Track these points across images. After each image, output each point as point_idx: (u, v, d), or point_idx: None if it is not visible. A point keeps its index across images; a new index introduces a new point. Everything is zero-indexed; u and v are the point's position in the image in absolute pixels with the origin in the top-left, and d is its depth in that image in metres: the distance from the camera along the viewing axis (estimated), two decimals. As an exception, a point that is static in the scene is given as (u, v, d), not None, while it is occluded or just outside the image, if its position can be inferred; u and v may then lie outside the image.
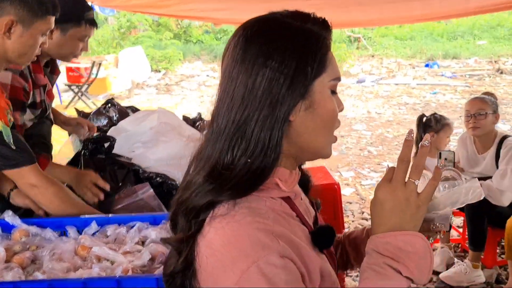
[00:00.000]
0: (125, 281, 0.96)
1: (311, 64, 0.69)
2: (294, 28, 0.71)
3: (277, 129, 0.68)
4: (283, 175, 0.73)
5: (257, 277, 0.62)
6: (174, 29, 15.21)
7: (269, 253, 0.63)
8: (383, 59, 13.18)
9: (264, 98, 0.67)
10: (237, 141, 0.68)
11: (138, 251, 1.17)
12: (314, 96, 0.71)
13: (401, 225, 0.70)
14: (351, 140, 5.84)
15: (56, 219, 1.36)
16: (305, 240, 0.72)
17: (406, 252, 0.68)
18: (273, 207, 0.70)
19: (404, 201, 0.70)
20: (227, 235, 0.65)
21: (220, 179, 0.68)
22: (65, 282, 0.98)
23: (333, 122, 0.74)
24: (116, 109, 2.55)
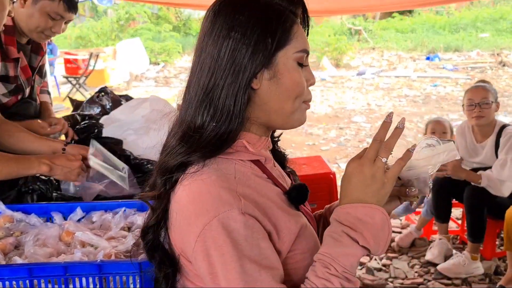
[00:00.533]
0: (107, 266, 0.93)
1: (272, 36, 0.73)
2: (259, 2, 0.75)
3: (241, 95, 0.73)
4: (251, 139, 0.78)
5: (217, 229, 0.67)
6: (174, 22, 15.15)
7: (230, 209, 0.68)
8: (384, 52, 13.11)
9: (228, 67, 0.73)
10: (206, 107, 0.73)
11: (123, 236, 1.14)
12: (278, 67, 0.75)
13: (364, 198, 0.73)
14: (350, 132, 5.80)
15: (42, 205, 1.33)
16: (277, 200, 0.76)
17: (365, 223, 0.72)
18: (242, 169, 0.75)
19: (370, 177, 0.74)
20: (192, 191, 0.71)
21: (190, 141, 0.74)
22: (45, 266, 0.95)
23: (298, 92, 0.77)
24: (109, 98, 2.51)
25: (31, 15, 1.60)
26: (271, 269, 0.69)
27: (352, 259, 0.72)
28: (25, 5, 1.57)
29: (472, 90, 2.64)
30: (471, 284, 2.52)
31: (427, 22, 16.12)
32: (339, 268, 0.71)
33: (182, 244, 0.73)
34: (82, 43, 12.93)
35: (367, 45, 13.91)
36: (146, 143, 1.88)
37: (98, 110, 2.45)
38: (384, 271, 2.68)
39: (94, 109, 2.47)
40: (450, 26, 15.59)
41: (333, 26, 14.16)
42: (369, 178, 0.73)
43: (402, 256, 2.82)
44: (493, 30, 14.73)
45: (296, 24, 0.77)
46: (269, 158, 0.82)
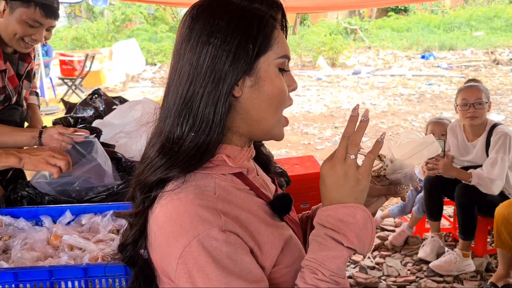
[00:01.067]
0: (92, 269, 0.94)
1: (253, 42, 0.71)
2: (239, 7, 0.73)
3: (221, 104, 0.70)
4: (232, 152, 0.75)
5: (197, 250, 0.64)
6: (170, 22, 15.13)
7: (209, 228, 0.65)
8: (380, 51, 13.13)
9: (208, 75, 0.70)
10: (185, 117, 0.70)
11: (111, 239, 1.15)
12: (259, 73, 0.73)
13: (341, 198, 0.72)
14: (345, 131, 5.81)
15: (31, 209, 1.34)
16: (259, 213, 0.74)
17: (347, 223, 0.71)
18: (222, 184, 0.73)
19: (342, 176, 0.72)
20: (169, 211, 0.68)
21: (169, 154, 0.71)
22: (31, 270, 0.96)
23: (280, 99, 0.75)
24: (103, 100, 2.51)
25: (9, 24, 1.57)
26: (258, 283, 0.68)
27: (339, 261, 0.70)
28: (3, 15, 1.56)
29: (466, 90, 2.64)
30: (462, 281, 2.54)
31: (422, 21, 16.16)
32: (327, 273, 0.70)
33: (164, 265, 0.70)
34: (78, 44, 12.91)
35: (363, 44, 13.94)
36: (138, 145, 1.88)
37: (91, 112, 2.45)
38: (377, 269, 2.70)
39: (87, 111, 2.47)
40: (444, 25, 15.63)
41: (329, 25, 14.17)
42: (342, 177, 0.72)
43: (395, 254, 2.84)
44: (487, 29, 14.77)
45: (277, 29, 0.75)
46: (251, 169, 0.79)
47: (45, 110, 6.82)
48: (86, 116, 2.39)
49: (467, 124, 2.65)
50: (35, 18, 1.57)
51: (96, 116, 2.40)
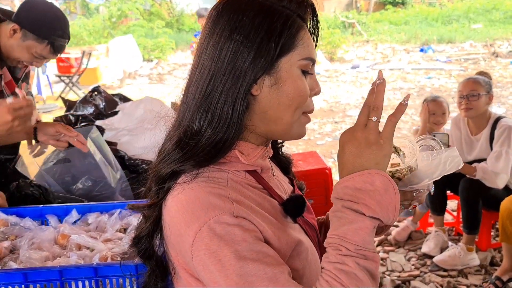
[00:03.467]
0: (103, 269, 0.92)
1: (276, 41, 0.69)
2: (265, 4, 0.71)
3: (239, 102, 0.69)
4: (246, 149, 0.74)
5: (208, 235, 0.63)
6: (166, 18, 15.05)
7: (220, 213, 0.64)
8: (378, 45, 13.10)
9: (228, 71, 0.69)
10: (203, 112, 0.70)
11: (119, 238, 1.14)
12: (280, 73, 0.71)
13: (362, 164, 0.68)
14: (345, 126, 5.80)
15: (37, 208, 1.32)
16: (272, 212, 0.73)
17: (366, 191, 0.66)
18: (235, 179, 0.72)
19: (363, 141, 0.68)
20: (181, 200, 0.68)
21: (186, 148, 0.70)
22: (41, 271, 0.94)
23: (299, 101, 0.73)
24: (103, 97, 2.49)
25: (16, 48, 1.57)
26: (277, 266, 0.64)
27: (363, 233, 0.65)
28: (12, 36, 1.56)
29: (463, 83, 2.65)
30: (467, 276, 2.54)
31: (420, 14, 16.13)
32: (351, 247, 0.65)
33: (181, 257, 0.70)
34: (74, 41, 12.80)
35: (361, 38, 13.90)
36: (140, 143, 1.88)
37: (91, 110, 2.43)
38: (381, 265, 2.69)
39: (88, 109, 2.45)
40: (443, 17, 15.60)
41: (326, 19, 14.13)
42: (363, 142, 0.68)
43: (398, 249, 2.84)
44: (486, 21, 14.75)
45: (303, 29, 0.73)
46: (266, 168, 0.78)
47: (43, 108, 6.78)
48: (86, 113, 2.37)
49: (462, 116, 2.65)
50: (42, 53, 1.60)
51: (96, 113, 2.38)
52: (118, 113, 2.16)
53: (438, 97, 2.95)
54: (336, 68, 10.20)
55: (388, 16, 16.23)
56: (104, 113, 2.38)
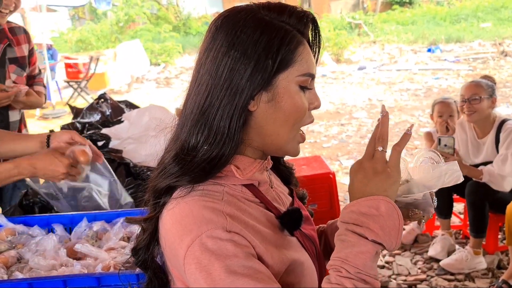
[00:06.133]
0: (105, 278, 0.94)
1: (274, 58, 0.69)
2: (263, 20, 0.71)
3: (236, 118, 0.69)
4: (242, 163, 0.74)
5: (200, 250, 0.64)
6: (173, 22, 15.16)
7: (213, 228, 0.64)
8: (385, 45, 13.05)
9: (225, 87, 0.69)
10: (200, 127, 0.71)
11: (122, 247, 1.16)
12: (277, 90, 0.71)
13: (370, 192, 0.69)
14: (352, 128, 5.79)
15: (43, 217, 1.35)
16: (269, 226, 0.73)
17: (370, 215, 0.67)
18: (231, 193, 0.72)
19: (371, 170, 0.70)
20: (175, 214, 0.68)
21: (182, 163, 0.71)
22: (45, 280, 0.97)
23: (296, 118, 0.73)
24: (109, 104, 2.53)
25: None
26: (269, 283, 0.64)
27: (364, 257, 0.65)
28: None
29: (465, 86, 2.63)
30: (474, 279, 2.53)
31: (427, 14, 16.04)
32: (351, 269, 0.65)
33: (176, 268, 0.70)
34: (82, 46, 12.98)
35: (368, 38, 13.86)
36: (145, 150, 1.90)
37: (98, 117, 2.46)
38: (387, 268, 2.69)
39: (94, 116, 2.48)
40: (451, 16, 15.49)
41: (332, 21, 14.12)
42: (371, 171, 0.69)
43: (405, 253, 2.83)
44: (495, 20, 14.61)
45: (303, 45, 0.72)
46: (263, 181, 0.77)
47: (52, 114, 6.88)
48: (93, 121, 2.41)
49: (465, 120, 2.64)
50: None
51: (103, 120, 2.41)
52: (124, 122, 2.19)
53: (447, 98, 2.92)
54: (343, 70, 10.19)
55: (395, 16, 16.16)
56: (111, 120, 2.41)
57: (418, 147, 4.72)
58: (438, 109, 2.81)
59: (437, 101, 2.90)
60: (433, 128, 3.02)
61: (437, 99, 2.95)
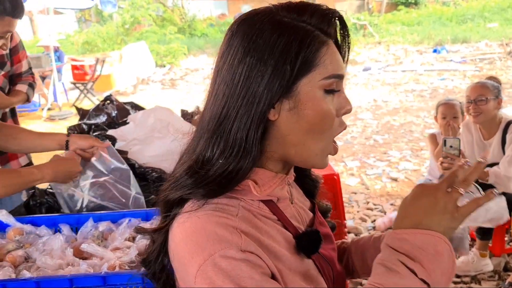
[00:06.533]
0: (111, 278, 0.96)
1: (292, 63, 0.64)
2: (282, 22, 0.66)
3: (254, 129, 0.65)
4: (262, 178, 0.70)
5: (213, 270, 0.59)
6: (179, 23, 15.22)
7: (227, 247, 0.60)
8: (390, 46, 13.02)
9: (241, 96, 0.65)
10: (216, 139, 0.66)
11: (127, 247, 1.17)
12: (299, 96, 0.66)
13: (429, 225, 0.64)
14: (357, 129, 5.79)
15: (50, 217, 1.36)
16: (285, 245, 0.68)
17: (426, 252, 0.62)
18: (248, 208, 0.68)
19: (442, 205, 0.65)
20: (186, 229, 0.64)
21: (196, 175, 0.67)
22: (52, 279, 0.98)
23: (323, 125, 0.67)
24: (115, 106, 2.55)
25: None
26: None
27: None
28: None
29: (470, 87, 2.63)
30: (480, 281, 2.51)
31: (433, 14, 15.99)
32: None
33: (184, 284, 0.66)
34: (88, 48, 13.07)
35: (373, 39, 13.85)
36: (150, 152, 1.91)
37: (104, 119, 2.48)
38: None
39: (100, 117, 2.51)
40: (457, 17, 15.43)
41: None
42: (441, 205, 0.65)
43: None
44: (502, 20, 14.54)
45: (326, 45, 0.66)
46: (283, 197, 0.73)
47: (58, 115, 6.93)
48: (99, 122, 2.43)
49: (471, 121, 2.63)
50: (9, 29, 1.44)
51: (109, 122, 2.43)
52: (130, 123, 2.20)
53: (451, 100, 2.90)
54: (348, 71, 10.12)
55: (401, 17, 16.13)
56: (116, 121, 2.43)
57: (424, 149, 4.71)
58: (442, 110, 2.80)
59: (441, 102, 2.89)
60: (438, 130, 3.01)
61: (441, 100, 2.94)
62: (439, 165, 2.66)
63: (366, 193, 3.82)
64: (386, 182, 4.03)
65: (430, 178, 2.93)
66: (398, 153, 4.75)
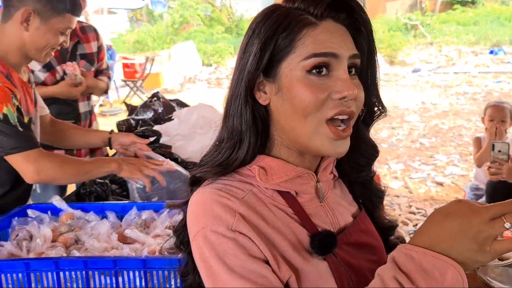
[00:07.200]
0: (150, 261, 1.02)
1: (269, 46, 0.66)
2: (276, 10, 0.69)
3: (244, 111, 0.69)
4: (271, 164, 0.71)
5: (203, 241, 0.65)
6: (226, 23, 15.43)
7: (218, 223, 0.65)
8: (443, 47, 12.51)
9: (235, 78, 0.70)
10: (226, 122, 0.72)
11: (167, 234, 1.24)
12: (281, 79, 0.67)
13: (448, 250, 0.56)
14: (403, 132, 5.63)
15: (98, 204, 1.47)
16: (291, 238, 0.68)
17: (429, 277, 0.55)
18: (259, 195, 0.70)
19: (474, 231, 0.55)
20: (193, 201, 0.70)
21: (211, 156, 0.73)
22: (98, 260, 1.06)
23: (305, 108, 0.65)
24: (161, 102, 2.67)
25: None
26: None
27: None
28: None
29: None
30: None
31: (491, 14, 15.15)
32: None
33: None
34: (139, 47, 13.56)
35: (424, 40, 13.35)
36: (192, 146, 2.00)
37: (151, 115, 2.61)
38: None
39: (148, 113, 2.64)
40: (517, 17, 14.55)
41: (387, 22, 13.74)
42: (473, 232, 0.55)
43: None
44: None
45: (311, 27, 0.66)
46: (304, 192, 0.72)
47: (109, 111, 7.28)
48: (146, 118, 2.55)
49: None
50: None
51: (155, 118, 2.55)
52: (174, 119, 2.30)
53: (501, 103, 2.77)
54: (396, 72, 9.90)
55: (456, 16, 15.42)
56: (162, 117, 2.55)
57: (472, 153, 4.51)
58: (489, 112, 2.68)
59: (490, 104, 2.76)
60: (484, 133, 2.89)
61: (491, 102, 2.81)
62: (486, 170, 2.55)
63: (409, 196, 3.73)
64: (431, 186, 3.91)
65: (477, 183, 2.82)
66: (445, 157, 4.58)
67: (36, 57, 1.45)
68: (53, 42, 1.45)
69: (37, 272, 1.04)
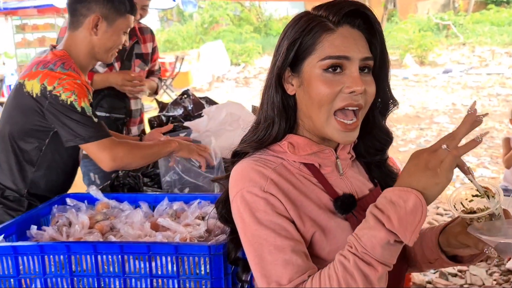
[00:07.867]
0: (182, 247, 1.08)
1: (293, 47, 0.81)
2: (304, 16, 0.83)
3: (276, 99, 0.84)
4: (297, 141, 0.85)
5: (240, 200, 0.80)
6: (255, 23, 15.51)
7: (253, 185, 0.79)
8: (476, 48, 12.16)
9: (269, 70, 0.86)
10: (262, 107, 0.88)
11: (197, 224, 1.30)
12: (303, 75, 0.82)
13: (410, 183, 0.70)
14: (431, 133, 5.55)
15: (132, 195, 1.55)
16: (318, 202, 0.82)
17: (396, 205, 0.69)
18: (288, 167, 0.84)
19: (424, 163, 0.70)
20: (234, 170, 0.84)
21: (250, 135, 0.88)
22: (133, 245, 1.13)
23: (320, 100, 0.80)
24: (191, 100, 2.74)
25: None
26: (291, 240, 0.76)
27: (375, 241, 0.69)
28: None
29: None
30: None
31: (528, 13, 14.60)
32: (359, 248, 0.70)
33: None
34: (169, 46, 13.82)
35: (457, 40, 13.01)
36: (221, 143, 2.05)
37: (181, 112, 2.69)
38: (460, 277, 2.59)
39: (178, 110, 2.72)
40: (555, 16, 13.96)
41: (418, 22, 13.46)
42: (423, 164, 0.69)
43: (480, 263, 2.69)
44: None
45: (330, 32, 0.80)
46: (325, 165, 0.85)
47: (141, 108, 7.48)
48: (176, 114, 2.64)
49: None
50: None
51: (185, 115, 2.63)
52: (204, 116, 2.37)
53: None
54: (426, 73, 9.72)
55: (490, 16, 14.94)
56: (192, 114, 2.62)
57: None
58: None
59: None
60: None
61: None
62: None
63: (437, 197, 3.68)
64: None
65: (506, 184, 2.78)
66: (476, 159, 4.49)
67: (104, 58, 1.58)
68: (118, 43, 1.57)
69: (77, 255, 1.12)
